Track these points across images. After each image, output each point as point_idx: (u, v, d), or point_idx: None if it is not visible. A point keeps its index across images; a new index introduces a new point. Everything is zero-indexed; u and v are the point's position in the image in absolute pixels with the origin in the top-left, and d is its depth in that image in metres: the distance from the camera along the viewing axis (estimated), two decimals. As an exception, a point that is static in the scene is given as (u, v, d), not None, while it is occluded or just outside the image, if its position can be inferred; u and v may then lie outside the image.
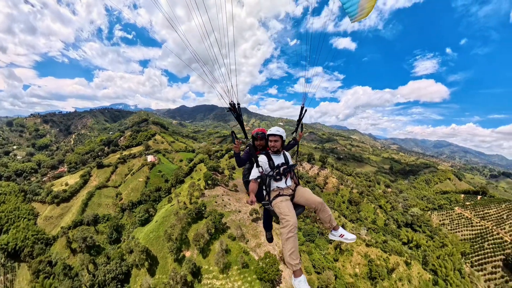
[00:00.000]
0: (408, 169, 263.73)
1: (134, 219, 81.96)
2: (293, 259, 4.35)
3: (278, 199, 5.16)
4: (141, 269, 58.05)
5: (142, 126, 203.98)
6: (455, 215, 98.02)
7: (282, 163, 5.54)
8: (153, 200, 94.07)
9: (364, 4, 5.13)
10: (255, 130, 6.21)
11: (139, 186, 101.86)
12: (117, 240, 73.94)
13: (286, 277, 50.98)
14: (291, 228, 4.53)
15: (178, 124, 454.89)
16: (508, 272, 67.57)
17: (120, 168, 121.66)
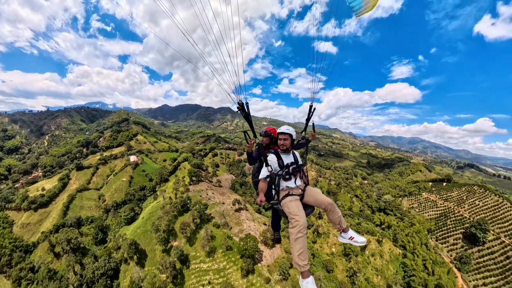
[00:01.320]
0: (383, 163, 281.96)
1: (119, 219, 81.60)
2: (301, 259, 4.26)
3: (287, 199, 5.07)
4: (130, 264, 59.11)
5: (123, 126, 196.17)
6: (422, 199, 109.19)
7: (291, 162, 5.48)
8: (138, 199, 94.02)
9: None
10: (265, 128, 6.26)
11: (123, 186, 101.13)
12: (103, 241, 73.46)
13: (267, 256, 56.12)
14: (300, 228, 4.42)
15: (160, 124, 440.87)
16: (467, 242, 77.83)
17: (101, 169, 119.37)
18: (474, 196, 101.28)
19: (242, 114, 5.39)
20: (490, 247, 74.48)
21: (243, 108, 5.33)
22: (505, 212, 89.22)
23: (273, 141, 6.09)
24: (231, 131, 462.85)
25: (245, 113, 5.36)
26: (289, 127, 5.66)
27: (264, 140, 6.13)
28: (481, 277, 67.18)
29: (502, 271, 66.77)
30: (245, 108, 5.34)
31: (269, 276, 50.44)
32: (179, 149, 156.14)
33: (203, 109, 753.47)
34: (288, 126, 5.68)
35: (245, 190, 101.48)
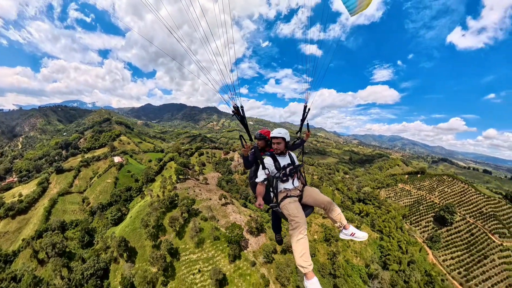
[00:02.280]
0: (365, 159, 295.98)
1: (106, 220, 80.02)
2: (304, 261, 4.23)
3: (286, 201, 5.05)
4: (120, 263, 58.85)
5: (104, 126, 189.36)
6: (398, 189, 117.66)
7: (288, 163, 5.45)
8: (125, 200, 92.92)
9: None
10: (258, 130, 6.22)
11: (108, 188, 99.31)
12: (90, 244, 71.08)
13: (253, 243, 59.22)
14: (301, 230, 4.42)
15: (144, 124, 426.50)
16: (437, 224, 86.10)
17: (83, 172, 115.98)
18: (444, 185, 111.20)
19: (237, 118, 5.42)
20: (457, 227, 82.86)
21: (238, 112, 5.35)
22: (470, 196, 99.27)
23: (268, 144, 5.96)
24: (217, 131, 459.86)
25: (240, 117, 5.38)
26: (281, 130, 5.53)
27: (259, 143, 6.03)
28: (449, 252, 74.96)
29: (467, 246, 75.12)
30: (240, 112, 5.36)
31: (255, 260, 53.55)
32: (165, 149, 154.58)
33: (189, 108, 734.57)
34: (280, 129, 5.56)
35: (231, 187, 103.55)
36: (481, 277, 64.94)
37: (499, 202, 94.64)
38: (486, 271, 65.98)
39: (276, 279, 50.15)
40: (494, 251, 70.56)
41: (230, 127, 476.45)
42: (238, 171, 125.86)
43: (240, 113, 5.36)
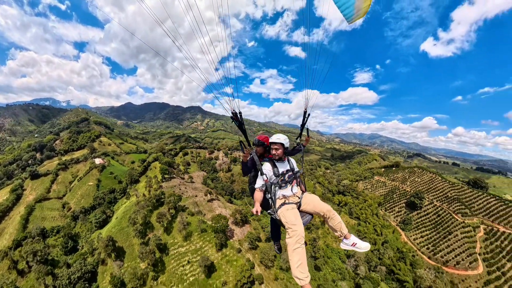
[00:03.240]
0: (345, 155, 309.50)
1: (90, 225, 77.31)
2: (301, 272, 4.00)
3: (283, 208, 4.86)
4: (108, 264, 58.11)
5: (82, 126, 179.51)
6: (374, 181, 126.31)
7: (287, 170, 5.33)
8: (109, 202, 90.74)
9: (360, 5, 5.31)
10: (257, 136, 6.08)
11: (90, 191, 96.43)
12: (74, 249, 68.13)
13: (238, 233, 62.17)
14: (298, 239, 4.20)
15: (124, 125, 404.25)
16: (409, 209, 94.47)
17: (62, 175, 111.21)
18: (414, 175, 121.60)
19: (235, 124, 5.37)
20: (426, 210, 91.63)
21: (237, 117, 5.32)
22: (437, 184, 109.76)
23: (267, 149, 5.79)
24: (202, 131, 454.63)
25: (238, 123, 5.34)
26: (279, 136, 5.37)
27: (258, 150, 5.85)
28: (419, 232, 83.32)
29: (434, 225, 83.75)
30: (238, 117, 5.34)
31: (240, 247, 56.65)
32: (148, 150, 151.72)
33: (172, 108, 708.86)
34: (279, 135, 5.40)
35: (216, 185, 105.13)
36: (446, 250, 73.24)
37: (462, 187, 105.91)
38: (450, 245, 74.40)
39: (260, 262, 53.70)
40: (457, 228, 79.36)
41: (214, 127, 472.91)
42: (223, 169, 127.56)
43: (238, 118, 5.37)
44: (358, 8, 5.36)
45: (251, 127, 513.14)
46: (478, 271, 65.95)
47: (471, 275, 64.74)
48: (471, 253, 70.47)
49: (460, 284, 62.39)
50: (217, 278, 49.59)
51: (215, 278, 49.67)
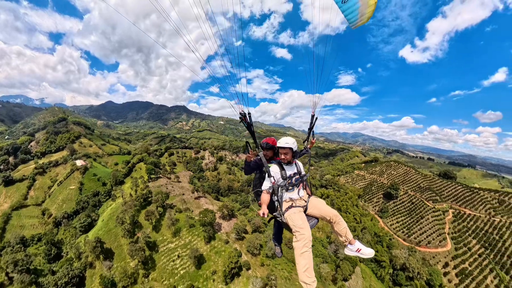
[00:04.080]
0: (329, 153, 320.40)
1: (74, 230, 73.97)
2: (307, 277, 3.99)
3: (291, 211, 4.85)
4: (96, 267, 57.03)
5: (60, 127, 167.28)
6: (355, 175, 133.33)
7: (294, 173, 5.29)
8: (93, 206, 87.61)
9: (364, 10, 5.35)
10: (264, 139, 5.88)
11: (72, 195, 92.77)
12: (58, 256, 65.27)
13: (225, 226, 64.44)
14: (305, 242, 4.19)
15: (105, 125, 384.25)
16: (386, 199, 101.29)
17: (39, 180, 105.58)
18: (391, 169, 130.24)
19: (244, 125, 5.31)
20: (401, 199, 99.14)
21: (245, 118, 5.27)
22: (411, 176, 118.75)
23: (275, 152, 5.77)
24: (187, 131, 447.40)
25: (247, 124, 5.29)
26: (288, 140, 5.28)
27: (267, 154, 5.78)
28: (395, 218, 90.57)
29: (408, 212, 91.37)
30: (247, 118, 5.28)
31: (227, 238, 58.88)
32: (132, 151, 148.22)
33: (156, 107, 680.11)
34: (287, 139, 5.32)
35: (203, 183, 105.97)
36: (418, 232, 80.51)
37: (433, 178, 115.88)
38: (422, 227, 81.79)
39: (247, 251, 56.32)
40: (428, 212, 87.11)
41: (200, 127, 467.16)
42: (209, 168, 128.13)
43: (247, 119, 5.28)
44: (362, 14, 5.46)
45: (237, 126, 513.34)
46: (447, 248, 73.43)
47: (441, 252, 71.94)
48: (441, 233, 77.97)
49: (431, 260, 69.00)
50: (206, 269, 51.38)
51: (205, 269, 51.41)
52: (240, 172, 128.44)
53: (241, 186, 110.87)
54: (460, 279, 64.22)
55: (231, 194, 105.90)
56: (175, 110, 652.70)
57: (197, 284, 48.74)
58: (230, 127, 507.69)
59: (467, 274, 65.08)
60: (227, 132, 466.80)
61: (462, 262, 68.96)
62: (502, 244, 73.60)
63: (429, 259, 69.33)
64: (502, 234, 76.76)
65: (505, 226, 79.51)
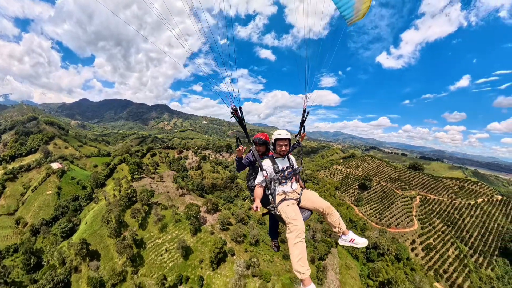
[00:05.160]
0: (311, 150, 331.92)
1: (54, 237, 70.60)
2: (301, 266, 4.11)
3: (284, 203, 4.92)
4: (82, 271, 55.77)
5: (30, 127, 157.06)
6: (333, 169, 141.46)
7: (286, 166, 5.35)
8: (74, 210, 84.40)
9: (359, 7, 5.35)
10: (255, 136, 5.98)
11: (50, 201, 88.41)
12: (39, 266, 62.21)
13: (210, 220, 66.97)
14: (298, 233, 4.29)
15: (79, 126, 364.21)
16: (360, 190, 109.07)
17: (10, 187, 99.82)
18: (365, 163, 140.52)
19: (236, 120, 5.34)
20: (374, 189, 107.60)
21: (237, 113, 5.30)
22: (383, 168, 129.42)
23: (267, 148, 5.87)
24: (169, 131, 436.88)
25: (239, 119, 5.33)
26: (285, 132, 5.35)
27: (260, 149, 5.89)
28: (369, 206, 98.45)
29: (380, 200, 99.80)
30: (239, 113, 5.31)
31: (213, 230, 61.62)
32: (112, 153, 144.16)
33: (135, 106, 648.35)
34: (282, 131, 5.39)
35: (187, 182, 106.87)
36: (389, 216, 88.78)
37: (403, 170, 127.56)
38: (392, 212, 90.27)
39: (231, 239, 59.48)
40: (398, 199, 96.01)
41: (183, 127, 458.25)
42: (193, 167, 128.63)
43: (239, 114, 5.32)
44: (357, 10, 5.46)
45: (221, 126, 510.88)
46: (414, 228, 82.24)
47: (409, 231, 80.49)
48: (408, 215, 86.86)
49: (400, 239, 76.80)
50: (194, 259, 53.56)
51: (193, 259, 53.56)
52: (224, 170, 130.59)
53: (225, 183, 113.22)
54: (425, 253, 72.74)
55: (215, 191, 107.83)
56: (156, 109, 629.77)
57: (186, 273, 50.82)
58: (214, 127, 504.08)
59: (431, 248, 73.82)
60: (211, 132, 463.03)
61: (427, 238, 77.75)
62: (462, 221, 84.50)
63: (398, 238, 76.96)
64: (462, 213, 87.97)
65: (464, 207, 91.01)
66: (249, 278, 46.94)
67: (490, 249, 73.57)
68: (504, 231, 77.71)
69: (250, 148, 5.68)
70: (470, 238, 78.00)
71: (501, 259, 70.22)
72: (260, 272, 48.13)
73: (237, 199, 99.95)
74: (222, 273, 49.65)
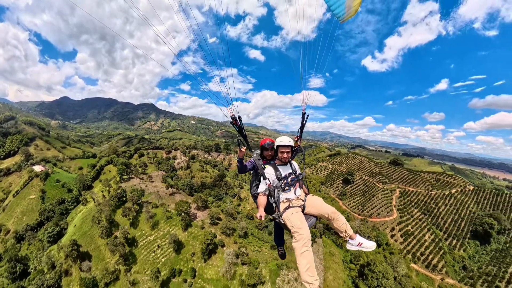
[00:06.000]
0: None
1: (40, 243, 68.07)
2: (310, 276, 4.00)
3: (288, 211, 4.81)
4: (72, 274, 54.98)
5: (8, 127, 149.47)
6: (319, 166, 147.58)
7: (289, 173, 5.27)
8: (61, 214, 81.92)
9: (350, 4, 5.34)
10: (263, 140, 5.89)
11: (34, 205, 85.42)
12: (25, 273, 60.34)
13: (201, 215, 69.00)
14: (305, 242, 4.19)
15: (61, 126, 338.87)
16: (344, 184, 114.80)
17: None
18: (349, 159, 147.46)
19: (235, 129, 5.38)
20: (357, 183, 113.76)
21: (236, 123, 5.32)
22: (365, 164, 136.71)
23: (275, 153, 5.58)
24: (156, 132, 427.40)
25: (238, 128, 5.37)
26: (288, 138, 5.28)
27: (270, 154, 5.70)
28: (352, 199, 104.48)
29: (363, 193, 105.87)
30: (238, 122, 5.33)
31: (203, 224, 63.83)
32: (97, 154, 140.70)
33: (121, 105, 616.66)
34: (285, 137, 5.31)
35: (176, 181, 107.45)
36: (370, 207, 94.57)
37: (384, 165, 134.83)
38: (374, 203, 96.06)
39: (221, 232, 62.10)
40: (379, 192, 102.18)
41: (170, 127, 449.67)
42: (182, 167, 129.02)
43: (238, 123, 5.37)
44: (349, 7, 5.44)
45: (209, 126, 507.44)
46: (393, 217, 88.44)
47: (388, 220, 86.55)
48: (388, 206, 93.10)
49: (380, 227, 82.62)
50: (186, 253, 55.41)
51: (185, 253, 55.40)
52: (212, 169, 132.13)
53: (214, 182, 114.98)
54: (404, 238, 78.85)
55: (204, 190, 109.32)
56: (143, 108, 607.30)
57: (179, 267, 52.58)
58: (202, 126, 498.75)
59: (409, 234, 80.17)
60: (199, 132, 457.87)
61: (405, 226, 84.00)
62: (437, 210, 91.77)
63: (378, 226, 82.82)
64: (437, 203, 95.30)
65: (439, 197, 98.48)
66: (239, 266, 49.65)
67: (463, 232, 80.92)
68: (475, 217, 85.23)
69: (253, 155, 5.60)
70: (445, 224, 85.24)
71: (472, 241, 77.45)
72: (248, 260, 51.03)
73: (226, 196, 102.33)
74: (214, 264, 52.04)
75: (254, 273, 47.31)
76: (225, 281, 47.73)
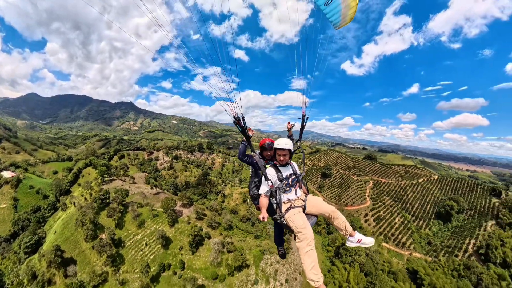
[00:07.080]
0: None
1: (16, 256, 64.22)
2: (314, 274, 4.12)
3: (290, 212, 4.89)
4: (56, 282, 53.05)
5: None
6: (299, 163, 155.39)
7: (290, 173, 5.32)
8: (37, 222, 77.67)
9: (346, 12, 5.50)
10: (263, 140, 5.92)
11: (5, 215, 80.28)
12: None
13: (186, 212, 70.90)
14: (308, 241, 4.30)
15: (28, 127, 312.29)
16: (323, 178, 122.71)
17: None
18: (327, 155, 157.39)
19: (238, 129, 5.36)
20: (334, 177, 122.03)
21: (239, 123, 5.31)
22: (342, 159, 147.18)
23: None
24: (136, 132, 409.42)
25: (241, 128, 5.36)
26: (288, 142, 5.25)
27: (270, 154, 5.72)
28: (330, 191, 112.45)
29: (340, 185, 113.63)
30: (241, 122, 5.32)
31: (189, 220, 66.12)
32: (73, 157, 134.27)
33: (96, 103, 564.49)
34: (284, 140, 5.30)
35: (160, 182, 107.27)
36: (346, 197, 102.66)
37: (359, 159, 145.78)
38: (349, 193, 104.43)
39: (207, 226, 64.92)
40: (354, 183, 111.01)
41: (151, 127, 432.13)
42: (165, 168, 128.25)
43: (241, 123, 5.32)
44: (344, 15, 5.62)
45: (192, 126, 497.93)
46: (366, 204, 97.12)
47: (362, 208, 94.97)
48: (362, 195, 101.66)
49: (355, 214, 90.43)
50: (174, 247, 57.26)
51: (173, 248, 57.23)
52: (196, 168, 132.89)
53: (198, 180, 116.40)
54: (376, 222, 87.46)
55: (188, 189, 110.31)
56: (121, 107, 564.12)
57: (167, 261, 54.38)
58: (184, 127, 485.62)
59: (381, 218, 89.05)
60: (181, 132, 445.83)
61: (378, 212, 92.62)
62: (406, 197, 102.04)
63: (353, 213, 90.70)
64: (406, 191, 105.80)
65: (408, 186, 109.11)
66: (225, 254, 52.85)
67: (428, 214, 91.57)
68: (438, 201, 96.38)
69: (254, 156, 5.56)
70: (413, 208, 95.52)
71: (436, 220, 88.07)
72: (234, 248, 54.61)
73: (211, 194, 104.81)
74: (201, 255, 54.64)
75: (239, 258, 51.01)
76: (213, 268, 50.65)
